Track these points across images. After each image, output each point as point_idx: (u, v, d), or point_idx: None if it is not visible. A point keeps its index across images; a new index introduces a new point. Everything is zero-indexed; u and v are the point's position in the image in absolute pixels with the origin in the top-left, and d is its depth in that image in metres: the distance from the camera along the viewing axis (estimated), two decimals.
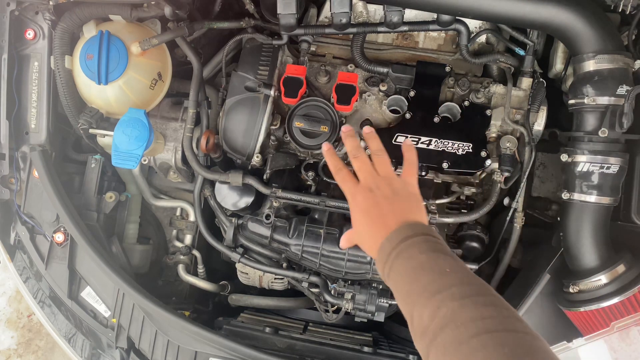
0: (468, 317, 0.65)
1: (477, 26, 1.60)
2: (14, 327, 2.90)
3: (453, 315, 0.66)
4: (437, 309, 0.68)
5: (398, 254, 0.79)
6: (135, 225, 1.87)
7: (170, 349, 1.49)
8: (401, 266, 0.78)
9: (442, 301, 0.68)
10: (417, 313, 0.71)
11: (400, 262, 0.78)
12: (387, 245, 0.82)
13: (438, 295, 0.69)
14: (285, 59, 1.60)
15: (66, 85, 1.54)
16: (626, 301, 1.31)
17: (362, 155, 0.99)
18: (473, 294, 0.68)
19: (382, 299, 1.55)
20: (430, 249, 0.78)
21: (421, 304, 0.71)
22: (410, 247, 0.79)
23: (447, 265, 0.74)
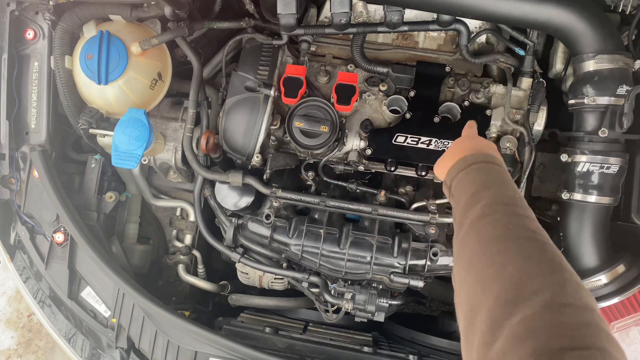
0: (520, 224, 0.72)
1: (477, 26, 1.59)
2: (14, 327, 2.89)
3: (506, 219, 0.73)
4: (494, 212, 0.76)
5: (476, 168, 0.89)
6: (135, 225, 1.87)
7: (170, 349, 1.49)
8: (475, 176, 0.88)
9: (502, 209, 0.76)
10: (473, 209, 0.78)
11: (476, 173, 0.88)
12: (469, 159, 0.92)
13: (499, 205, 0.77)
14: (285, 59, 1.60)
15: (66, 85, 1.54)
16: (626, 301, 1.31)
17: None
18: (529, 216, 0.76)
19: (382, 299, 1.55)
20: (505, 177, 0.88)
21: (481, 204, 0.78)
22: (488, 168, 0.89)
23: (516, 191, 0.83)
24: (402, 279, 1.50)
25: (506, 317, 0.58)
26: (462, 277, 0.71)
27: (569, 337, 0.53)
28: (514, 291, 0.60)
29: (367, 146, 1.51)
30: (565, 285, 0.60)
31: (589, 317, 0.56)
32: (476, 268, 0.68)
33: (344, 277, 1.57)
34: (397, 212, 1.50)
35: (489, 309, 0.61)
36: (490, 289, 0.63)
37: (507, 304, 0.59)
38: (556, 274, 0.62)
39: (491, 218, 0.74)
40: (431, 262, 1.50)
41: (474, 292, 0.66)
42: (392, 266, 1.52)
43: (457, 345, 1.77)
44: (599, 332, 0.54)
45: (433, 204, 1.51)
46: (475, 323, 0.62)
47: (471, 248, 0.72)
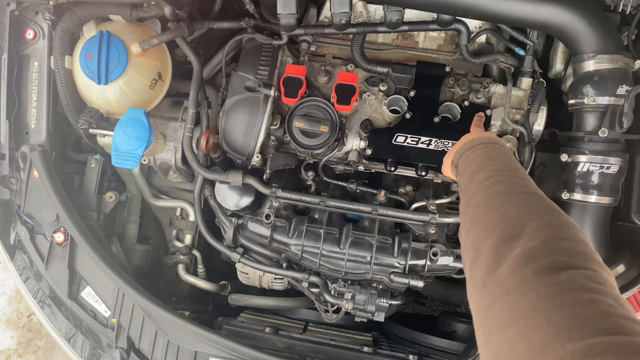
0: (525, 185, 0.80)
1: (477, 26, 1.59)
2: (14, 327, 2.89)
3: (512, 181, 0.81)
4: (499, 174, 0.83)
5: (483, 146, 0.97)
6: (135, 225, 1.87)
7: (170, 349, 1.49)
8: (482, 152, 0.96)
9: (508, 174, 0.83)
10: (480, 174, 0.86)
11: (483, 150, 0.96)
12: (477, 140, 1.00)
13: (505, 171, 0.84)
14: (285, 59, 1.60)
15: (66, 85, 1.54)
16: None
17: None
18: (535, 189, 0.81)
19: (382, 299, 1.55)
20: (510, 155, 0.95)
21: (488, 169, 0.86)
22: (496, 147, 0.97)
23: (519, 165, 0.90)
24: (402, 279, 1.50)
25: (509, 249, 0.64)
26: (468, 228, 0.77)
27: (566, 261, 0.60)
28: (516, 230, 0.67)
29: (367, 146, 1.51)
30: (562, 225, 0.67)
31: (583, 248, 0.63)
32: (481, 218, 0.75)
33: (344, 277, 1.57)
34: (397, 212, 1.50)
35: (493, 245, 0.67)
36: (494, 231, 0.70)
37: (510, 239, 0.66)
38: (554, 216, 0.70)
39: (495, 180, 0.82)
40: (431, 262, 1.50)
41: (479, 236, 0.72)
42: (392, 266, 1.52)
43: (457, 345, 1.78)
44: (592, 259, 0.62)
45: (433, 204, 1.51)
46: (480, 259, 0.68)
47: (476, 203, 0.80)
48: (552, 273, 0.58)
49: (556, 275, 0.57)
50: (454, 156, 1.05)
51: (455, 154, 1.04)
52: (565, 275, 0.57)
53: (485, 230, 0.72)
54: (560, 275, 0.57)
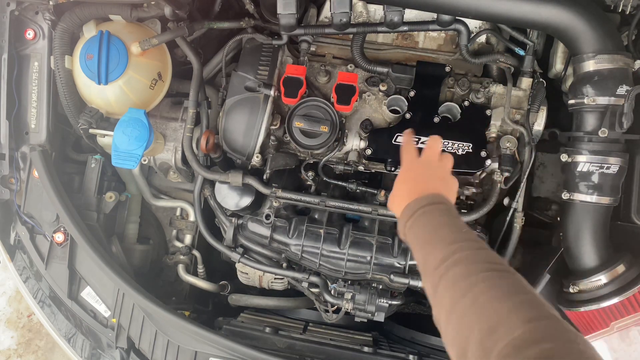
0: (480, 258, 0.81)
1: (477, 26, 1.59)
2: (14, 327, 2.89)
3: (467, 257, 0.81)
4: (453, 253, 0.83)
5: (424, 212, 0.96)
6: (135, 225, 1.87)
7: (170, 349, 1.49)
8: (425, 221, 0.95)
9: (459, 248, 0.84)
10: (433, 256, 0.85)
11: (425, 218, 0.95)
12: (415, 204, 0.98)
13: (455, 244, 0.85)
14: (285, 59, 1.60)
15: (66, 85, 1.54)
16: (626, 301, 1.31)
17: (437, 143, 1.18)
18: (485, 247, 0.85)
19: (382, 299, 1.55)
20: (453, 215, 0.95)
21: (439, 249, 0.86)
22: (436, 210, 0.96)
23: (465, 227, 0.91)
24: (402, 279, 1.50)
25: (494, 343, 0.66)
26: (444, 319, 0.78)
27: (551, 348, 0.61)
28: (492, 319, 0.69)
29: (367, 146, 1.51)
30: (532, 302, 0.70)
31: (556, 323, 0.66)
32: (454, 308, 0.76)
33: (344, 277, 1.57)
34: None
35: (476, 341, 0.68)
36: (471, 323, 0.71)
37: (491, 332, 0.67)
38: (519, 295, 0.72)
39: (451, 260, 0.82)
40: None
41: (459, 330, 0.73)
42: (392, 266, 1.52)
43: None
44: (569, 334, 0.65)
45: None
46: (467, 357, 0.70)
47: (443, 293, 0.80)
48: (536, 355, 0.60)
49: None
50: (399, 223, 1.02)
51: (400, 221, 1.01)
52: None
53: (463, 322, 0.73)
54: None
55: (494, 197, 1.50)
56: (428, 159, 1.12)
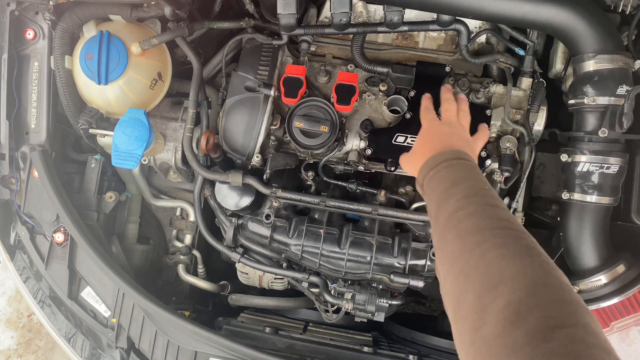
0: (497, 215, 0.77)
1: (477, 26, 1.60)
2: (14, 327, 2.89)
3: (483, 211, 0.78)
4: (468, 204, 0.80)
5: (448, 165, 0.92)
6: (135, 225, 1.87)
7: (170, 349, 1.49)
8: (446, 174, 0.91)
9: (476, 202, 0.80)
10: (448, 204, 0.83)
11: (447, 171, 0.92)
12: (440, 157, 0.95)
13: (473, 197, 0.82)
14: (285, 59, 1.60)
15: (66, 85, 1.54)
16: (626, 301, 1.31)
17: (453, 103, 1.19)
18: (503, 207, 0.81)
19: (382, 299, 1.55)
20: (476, 171, 0.92)
21: (455, 199, 0.82)
22: (460, 164, 0.93)
23: (487, 184, 0.87)
24: (402, 279, 1.50)
25: (492, 299, 0.62)
26: (446, 269, 0.75)
27: (555, 317, 0.57)
28: (496, 277, 0.65)
29: (367, 146, 1.51)
30: (543, 267, 0.65)
31: (569, 295, 0.61)
32: (458, 259, 0.73)
33: (344, 277, 1.57)
34: (397, 212, 1.50)
35: (475, 294, 0.65)
36: (473, 277, 0.68)
37: (491, 288, 0.63)
38: (533, 257, 0.67)
39: (465, 211, 0.79)
40: (431, 262, 1.50)
41: (459, 281, 0.70)
42: (392, 266, 1.52)
43: None
44: (580, 309, 0.59)
45: None
46: (463, 309, 0.66)
47: (450, 241, 0.77)
48: (545, 337, 0.55)
49: (550, 341, 0.54)
50: (418, 174, 0.99)
51: (420, 172, 0.99)
52: (560, 341, 0.54)
53: (465, 275, 0.69)
54: (554, 340, 0.54)
55: None
56: (449, 120, 1.12)
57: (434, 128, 1.11)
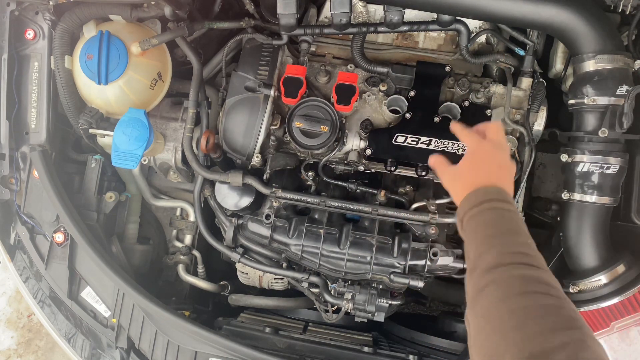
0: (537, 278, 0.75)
1: (477, 26, 1.59)
2: (14, 327, 2.89)
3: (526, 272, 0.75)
4: (510, 263, 0.77)
5: (490, 209, 0.89)
6: (135, 225, 1.87)
7: (170, 349, 1.49)
8: (489, 218, 0.88)
9: (519, 259, 0.78)
10: (489, 256, 0.80)
11: (490, 215, 0.89)
12: (482, 195, 0.92)
13: (515, 255, 0.79)
14: (285, 59, 1.60)
15: (66, 85, 1.54)
16: (626, 301, 1.31)
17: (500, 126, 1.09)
18: (546, 268, 0.79)
19: (382, 299, 1.55)
20: (519, 222, 0.89)
21: (496, 252, 0.80)
22: (503, 211, 0.89)
23: (529, 237, 0.85)
24: (402, 279, 1.50)
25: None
26: (480, 325, 0.73)
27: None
28: (538, 346, 0.63)
29: (367, 146, 1.51)
30: (586, 341, 0.64)
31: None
32: (495, 318, 0.71)
33: (344, 277, 1.57)
34: (397, 212, 1.50)
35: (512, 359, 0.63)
36: (512, 340, 0.66)
37: (532, 357, 0.62)
38: (576, 330, 0.66)
39: (506, 269, 0.76)
40: (431, 262, 1.50)
41: (493, 340, 0.69)
42: (392, 266, 1.52)
43: (457, 345, 1.78)
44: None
45: (433, 204, 1.51)
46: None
47: (487, 296, 0.75)
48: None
49: None
50: (459, 208, 0.96)
51: (461, 207, 0.95)
52: None
53: (502, 335, 0.67)
54: None
55: None
56: (497, 141, 1.04)
57: (480, 151, 1.02)
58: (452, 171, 1.04)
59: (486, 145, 1.02)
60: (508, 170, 0.99)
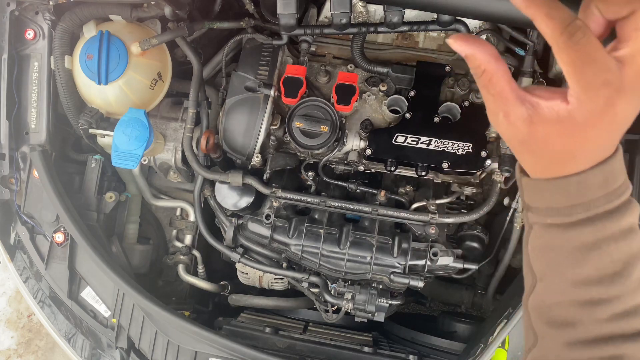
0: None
1: (477, 26, 1.60)
2: (14, 327, 2.89)
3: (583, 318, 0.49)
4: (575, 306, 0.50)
5: (590, 221, 0.48)
6: (135, 225, 1.87)
7: (170, 349, 1.49)
8: (586, 239, 0.49)
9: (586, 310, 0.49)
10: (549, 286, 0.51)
11: (588, 234, 0.48)
12: (596, 199, 0.47)
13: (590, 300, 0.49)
14: (285, 59, 1.60)
15: (66, 85, 1.54)
16: None
17: None
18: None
19: (382, 299, 1.55)
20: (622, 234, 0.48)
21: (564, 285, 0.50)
22: (605, 217, 0.48)
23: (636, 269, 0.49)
24: (402, 279, 1.50)
25: None
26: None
27: None
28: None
29: (367, 146, 1.51)
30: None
31: None
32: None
33: (344, 277, 1.57)
34: (397, 212, 1.50)
35: None
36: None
37: None
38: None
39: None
40: (431, 262, 1.50)
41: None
42: (392, 266, 1.52)
43: (457, 345, 1.78)
44: None
45: (433, 204, 1.51)
46: None
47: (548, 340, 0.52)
48: None
49: None
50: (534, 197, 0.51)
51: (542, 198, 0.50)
52: None
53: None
54: None
55: (494, 197, 1.49)
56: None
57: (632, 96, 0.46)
58: (558, 110, 0.45)
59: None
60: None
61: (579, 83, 0.42)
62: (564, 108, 0.44)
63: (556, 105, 0.45)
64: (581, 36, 0.41)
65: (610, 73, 0.42)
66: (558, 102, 0.45)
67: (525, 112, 0.45)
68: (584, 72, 0.42)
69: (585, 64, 0.41)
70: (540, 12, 0.42)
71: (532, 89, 0.46)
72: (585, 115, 0.44)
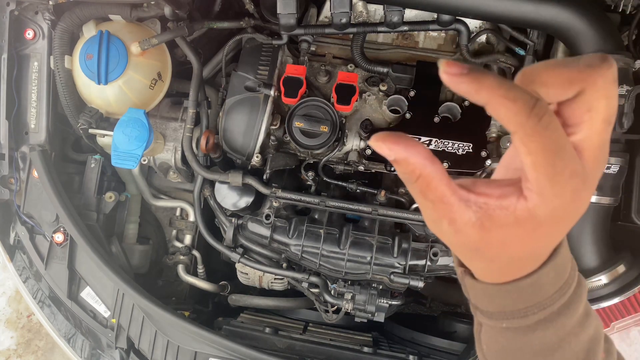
0: None
1: (477, 26, 1.59)
2: (13, 327, 2.89)
3: None
4: None
5: (549, 321, 0.44)
6: (135, 225, 1.87)
7: (170, 349, 1.49)
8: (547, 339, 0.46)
9: None
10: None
11: (550, 332, 0.45)
12: (530, 289, 0.44)
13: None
14: (285, 59, 1.60)
15: (66, 85, 1.54)
16: (626, 301, 1.31)
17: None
18: None
19: (382, 299, 1.55)
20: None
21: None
22: (565, 315, 0.45)
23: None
24: (402, 279, 1.50)
25: None
26: None
27: None
28: None
29: (367, 146, 1.51)
30: None
31: None
32: None
33: (344, 277, 1.57)
34: (397, 212, 1.50)
35: None
36: None
37: None
38: None
39: None
40: (431, 262, 1.50)
41: None
42: (392, 266, 1.52)
43: (457, 345, 1.78)
44: None
45: None
46: None
47: None
48: None
49: None
50: (475, 298, 0.49)
51: (481, 301, 0.48)
52: None
53: None
54: None
55: None
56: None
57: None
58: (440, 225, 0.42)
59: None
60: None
61: (547, 176, 0.35)
62: (523, 207, 0.37)
63: (511, 205, 0.37)
64: (549, 120, 0.34)
65: (576, 162, 0.36)
66: (513, 201, 0.37)
67: (474, 216, 0.38)
68: (554, 162, 0.35)
69: (554, 153, 0.35)
70: (497, 95, 0.34)
71: (475, 185, 0.40)
72: (550, 213, 0.37)
